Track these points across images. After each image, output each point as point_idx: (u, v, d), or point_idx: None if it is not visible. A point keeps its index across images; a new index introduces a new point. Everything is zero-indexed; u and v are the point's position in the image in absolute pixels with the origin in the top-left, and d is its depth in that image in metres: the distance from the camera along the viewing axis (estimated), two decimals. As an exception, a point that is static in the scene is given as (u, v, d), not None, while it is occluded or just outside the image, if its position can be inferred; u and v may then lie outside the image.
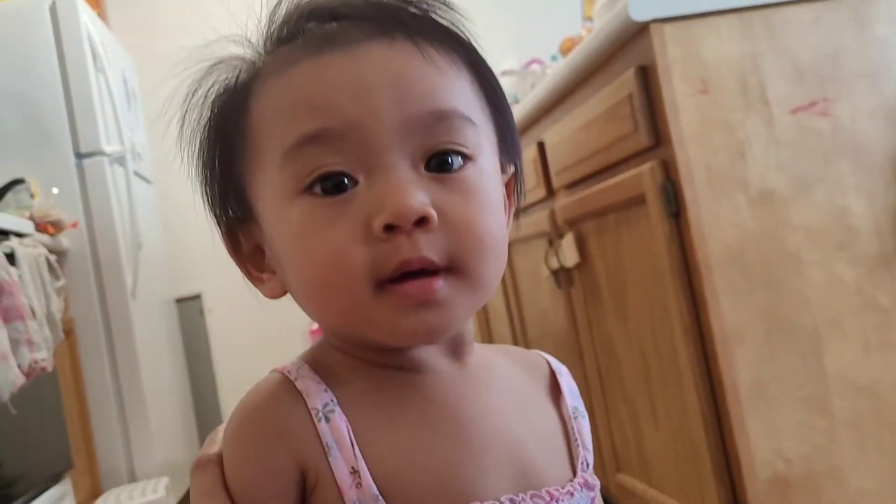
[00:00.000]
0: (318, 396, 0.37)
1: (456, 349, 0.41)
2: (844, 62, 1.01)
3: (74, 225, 2.00)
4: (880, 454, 0.99)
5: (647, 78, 1.03)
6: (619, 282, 1.25)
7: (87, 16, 2.13)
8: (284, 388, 0.38)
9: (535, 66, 1.92)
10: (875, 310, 1.00)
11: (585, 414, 0.44)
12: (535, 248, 1.60)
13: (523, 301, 1.84)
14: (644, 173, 1.05)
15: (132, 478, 2.01)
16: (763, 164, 0.99)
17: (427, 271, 0.36)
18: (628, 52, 1.08)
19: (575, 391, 0.45)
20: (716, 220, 0.98)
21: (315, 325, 2.13)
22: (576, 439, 0.42)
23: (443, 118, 0.37)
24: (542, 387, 0.44)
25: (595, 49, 1.15)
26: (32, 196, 1.84)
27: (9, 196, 1.80)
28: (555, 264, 1.47)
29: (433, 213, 0.35)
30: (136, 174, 2.31)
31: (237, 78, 0.40)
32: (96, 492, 1.92)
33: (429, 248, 0.35)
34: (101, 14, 2.65)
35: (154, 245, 2.43)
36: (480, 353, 0.42)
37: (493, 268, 0.38)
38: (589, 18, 1.99)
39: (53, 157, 2.03)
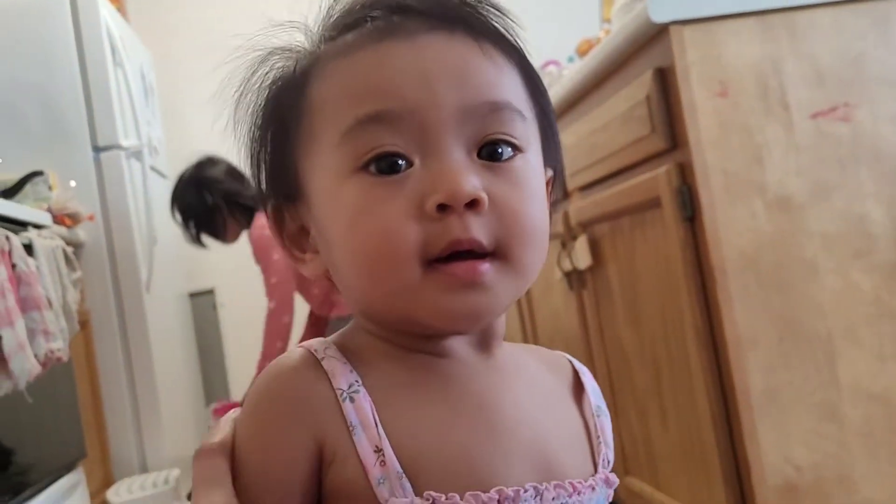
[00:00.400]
0: (344, 377, 0.38)
1: (485, 341, 0.42)
2: (866, 67, 1.01)
3: (91, 218, 2.02)
4: (892, 464, 0.98)
5: (666, 80, 1.03)
6: (631, 285, 1.25)
7: (106, 10, 2.15)
8: (310, 365, 0.38)
9: (551, 68, 1.91)
10: (891, 319, 0.99)
11: (608, 414, 0.45)
12: (548, 250, 1.59)
13: (535, 302, 1.84)
14: (660, 176, 1.05)
15: (143, 468, 2.03)
16: (781, 168, 0.99)
17: (475, 254, 0.37)
18: (647, 53, 1.07)
19: (598, 391, 0.46)
20: (732, 225, 0.98)
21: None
22: (598, 437, 0.43)
23: (497, 109, 0.39)
24: (566, 386, 0.45)
25: (613, 50, 1.14)
26: (50, 188, 1.86)
27: (27, 188, 1.82)
28: (567, 266, 1.47)
29: (485, 196, 0.37)
30: (153, 169, 2.33)
31: (296, 62, 0.42)
32: (108, 481, 1.94)
33: (478, 230, 0.37)
34: (121, 9, 2.67)
35: (169, 239, 2.45)
36: (507, 349, 0.43)
37: (537, 256, 0.39)
38: (607, 20, 1.98)
39: (71, 150, 2.05)
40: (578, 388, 0.45)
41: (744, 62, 0.99)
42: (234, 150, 0.45)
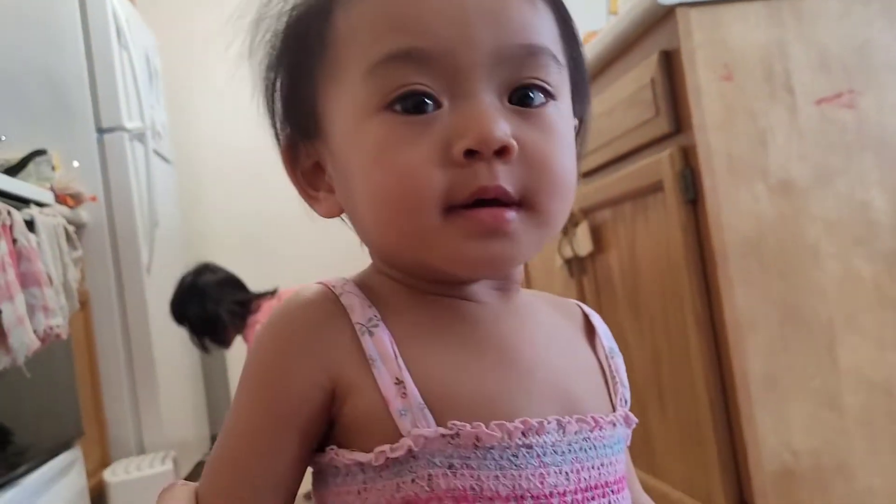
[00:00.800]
0: (362, 311, 0.37)
1: (505, 286, 0.41)
2: (872, 55, 1.00)
3: (93, 199, 2.02)
4: (891, 451, 0.97)
5: (671, 63, 1.02)
6: (632, 271, 1.25)
7: (113, -8, 2.15)
8: (327, 300, 0.38)
9: (556, 57, 1.91)
10: (892, 306, 0.99)
11: (621, 355, 0.45)
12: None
13: (534, 289, 1.83)
14: (663, 159, 1.05)
15: (141, 450, 2.03)
16: (785, 153, 0.98)
17: (500, 202, 0.36)
18: (653, 36, 1.07)
19: (609, 333, 0.46)
20: (734, 208, 0.97)
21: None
22: (614, 377, 0.43)
23: (534, 53, 0.37)
24: (578, 329, 0.45)
25: (620, 33, 1.14)
26: (53, 168, 1.86)
27: (30, 167, 1.82)
28: (568, 253, 1.46)
29: (514, 143, 0.36)
30: (156, 153, 2.33)
31: None
32: (105, 461, 1.94)
33: (506, 179, 0.36)
34: (127, -7, 2.67)
35: (170, 224, 2.45)
36: (522, 294, 0.43)
37: (563, 207, 0.39)
38: (614, 14, 1.98)
39: (75, 131, 2.06)
40: (590, 331, 0.46)
41: (749, 46, 0.98)
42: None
